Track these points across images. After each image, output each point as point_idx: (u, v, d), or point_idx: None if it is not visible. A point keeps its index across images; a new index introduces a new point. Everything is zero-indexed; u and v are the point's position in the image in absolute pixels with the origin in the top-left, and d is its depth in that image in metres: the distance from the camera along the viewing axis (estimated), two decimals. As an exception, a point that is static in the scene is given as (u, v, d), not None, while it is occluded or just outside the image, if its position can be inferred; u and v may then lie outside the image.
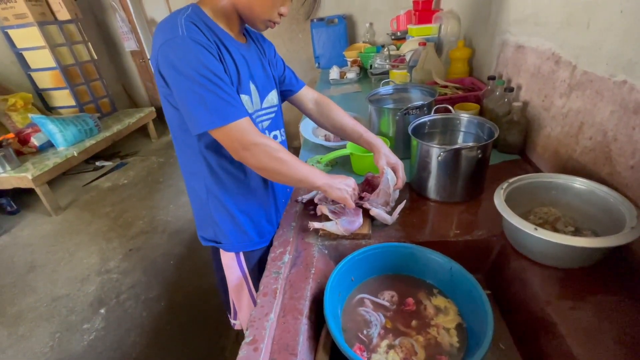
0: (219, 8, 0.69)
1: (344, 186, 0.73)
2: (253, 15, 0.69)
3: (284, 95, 0.94)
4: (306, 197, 0.91)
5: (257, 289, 0.68)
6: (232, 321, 1.02)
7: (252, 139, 0.65)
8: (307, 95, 0.95)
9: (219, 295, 1.01)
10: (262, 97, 0.81)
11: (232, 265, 0.89)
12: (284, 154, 0.68)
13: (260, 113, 0.81)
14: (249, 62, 0.75)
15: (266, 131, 0.84)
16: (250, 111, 0.76)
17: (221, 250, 0.88)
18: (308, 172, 0.71)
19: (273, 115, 0.86)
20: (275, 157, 0.67)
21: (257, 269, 0.90)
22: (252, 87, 0.77)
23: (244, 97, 0.74)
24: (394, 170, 0.83)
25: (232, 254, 0.88)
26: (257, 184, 0.85)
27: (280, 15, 0.70)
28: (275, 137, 0.87)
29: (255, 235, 0.88)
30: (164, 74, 0.64)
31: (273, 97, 0.85)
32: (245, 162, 0.68)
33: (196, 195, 0.83)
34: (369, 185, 0.88)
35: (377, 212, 0.79)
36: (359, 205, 0.81)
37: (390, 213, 0.81)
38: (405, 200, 0.84)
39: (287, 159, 0.68)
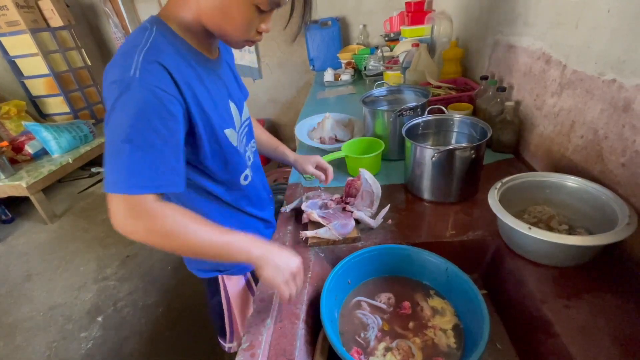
0: (184, 23, 0.57)
1: (285, 266, 0.57)
2: (225, 35, 0.57)
3: None
4: (290, 206, 0.90)
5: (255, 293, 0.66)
6: (227, 345, 0.95)
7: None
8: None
9: (212, 321, 0.95)
10: (240, 111, 0.74)
11: (237, 281, 0.85)
12: (182, 227, 0.52)
13: (241, 129, 0.74)
14: (225, 80, 0.68)
15: (247, 145, 0.78)
16: (235, 136, 0.69)
17: (224, 276, 0.83)
18: (230, 241, 0.55)
19: (248, 122, 0.79)
20: (180, 235, 0.52)
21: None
22: (232, 106, 0.69)
23: (229, 132, 0.66)
24: (322, 169, 0.90)
25: (239, 275, 0.85)
26: (253, 196, 0.80)
27: (260, 32, 0.58)
28: (252, 147, 0.82)
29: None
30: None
31: (246, 109, 0.79)
32: (131, 233, 0.51)
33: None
34: (351, 189, 0.88)
35: (360, 215, 0.80)
36: (344, 208, 0.82)
37: (374, 217, 0.82)
38: (389, 205, 0.84)
39: (186, 230, 0.52)
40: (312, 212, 0.81)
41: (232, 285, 0.85)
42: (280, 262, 0.56)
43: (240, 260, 0.57)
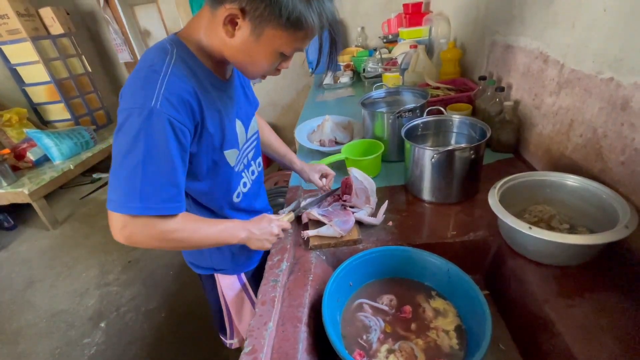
0: (204, 47, 0.59)
1: (266, 235, 0.68)
2: (245, 71, 0.61)
3: None
4: (287, 209, 0.91)
5: (257, 296, 0.67)
6: (228, 341, 0.99)
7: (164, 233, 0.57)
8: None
9: (212, 318, 0.98)
10: (247, 128, 0.76)
11: (232, 282, 0.87)
12: (181, 233, 0.59)
13: (246, 145, 0.76)
14: (235, 99, 0.70)
15: (252, 162, 0.80)
16: (235, 155, 0.70)
17: (219, 275, 0.86)
18: (220, 232, 0.64)
19: (256, 142, 0.81)
20: (185, 240, 0.60)
21: (256, 276, 0.88)
22: (239, 124, 0.71)
23: (229, 152, 0.68)
24: (325, 176, 0.90)
25: (233, 275, 0.86)
26: (249, 212, 0.81)
27: (279, 70, 0.62)
28: (260, 164, 0.84)
29: (255, 254, 0.88)
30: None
31: (255, 123, 0.80)
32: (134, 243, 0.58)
33: None
34: (347, 187, 0.88)
35: (360, 216, 0.80)
36: (344, 206, 0.84)
37: (374, 213, 0.82)
38: (387, 201, 0.85)
39: (184, 237, 0.60)
40: (311, 211, 0.81)
41: (227, 285, 0.87)
42: (260, 233, 0.68)
43: (232, 243, 0.67)
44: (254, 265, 0.89)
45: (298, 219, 0.90)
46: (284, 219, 0.74)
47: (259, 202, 0.87)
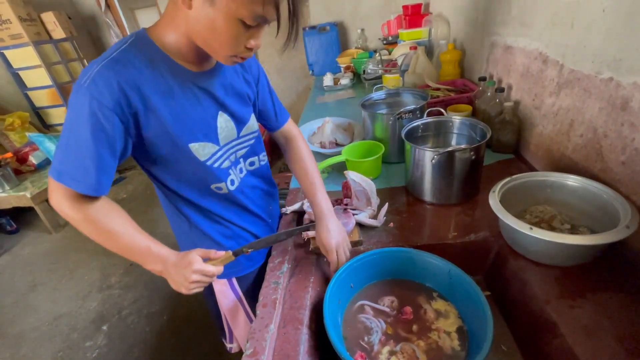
0: (170, 37, 0.58)
1: (181, 279, 0.61)
2: (213, 51, 0.57)
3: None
4: (290, 208, 0.91)
5: (253, 310, 0.64)
6: (228, 345, 0.97)
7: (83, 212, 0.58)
8: (285, 132, 0.86)
9: (212, 320, 0.96)
10: (240, 125, 0.72)
11: (225, 290, 0.84)
12: (116, 225, 0.61)
13: (234, 144, 0.72)
14: (216, 91, 0.66)
15: (240, 159, 0.76)
16: (212, 151, 0.67)
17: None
18: (135, 244, 0.61)
19: (253, 141, 0.77)
20: (104, 229, 0.60)
21: (252, 289, 0.84)
22: (224, 118, 0.68)
23: (197, 146, 0.64)
24: (326, 254, 0.70)
25: (223, 280, 0.83)
26: (241, 209, 0.78)
27: (250, 48, 0.56)
28: (252, 163, 0.80)
29: (245, 260, 0.82)
30: None
31: (254, 122, 0.76)
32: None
33: (178, 225, 0.78)
34: (347, 190, 0.88)
35: (361, 218, 0.81)
36: (345, 209, 0.83)
37: (376, 215, 0.83)
38: (387, 203, 0.85)
39: (118, 230, 0.60)
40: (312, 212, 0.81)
41: (220, 291, 0.85)
42: (176, 276, 0.61)
43: (147, 268, 0.63)
44: (244, 272, 0.84)
45: (299, 219, 0.90)
46: (216, 262, 0.63)
47: (254, 204, 0.81)
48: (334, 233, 0.70)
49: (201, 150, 0.66)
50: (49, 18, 3.04)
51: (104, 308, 1.89)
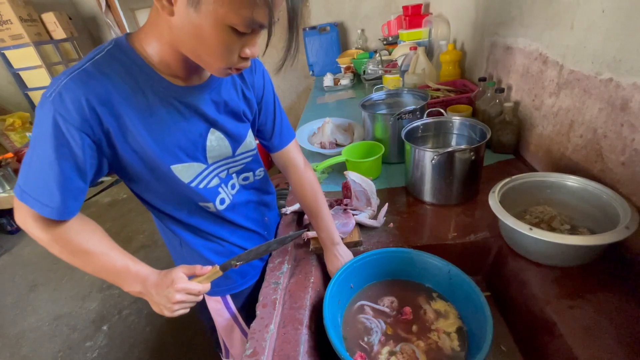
0: (152, 51, 0.52)
1: (164, 301, 0.56)
2: (201, 62, 0.50)
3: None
4: (291, 208, 0.91)
5: (249, 327, 0.61)
6: None
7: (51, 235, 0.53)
8: (284, 156, 0.77)
9: (207, 334, 0.92)
10: (236, 144, 0.67)
11: (219, 308, 0.81)
12: (90, 244, 0.55)
13: (227, 161, 0.67)
14: (206, 108, 0.59)
15: (233, 175, 0.71)
16: (197, 171, 0.62)
17: (205, 295, 0.78)
18: (117, 270, 0.56)
19: (249, 159, 0.72)
20: (75, 250, 0.55)
21: (247, 306, 0.80)
22: (216, 135, 0.63)
23: (180, 167, 0.59)
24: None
25: (217, 297, 0.79)
26: (233, 226, 0.74)
27: (245, 58, 0.50)
28: (246, 178, 0.74)
29: (238, 277, 0.78)
30: None
31: (251, 140, 0.71)
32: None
33: (169, 241, 0.75)
34: (347, 190, 0.88)
35: (361, 219, 0.81)
36: (345, 209, 0.84)
37: (376, 215, 0.83)
38: (387, 203, 0.85)
39: (92, 250, 0.55)
40: None
41: (214, 309, 0.82)
42: (157, 297, 0.57)
43: (125, 290, 0.59)
44: (239, 289, 0.79)
45: (299, 219, 0.90)
46: (202, 279, 0.59)
47: (248, 220, 0.77)
48: (343, 259, 0.71)
49: (185, 171, 0.60)
50: (49, 18, 3.05)
51: (104, 308, 1.89)
